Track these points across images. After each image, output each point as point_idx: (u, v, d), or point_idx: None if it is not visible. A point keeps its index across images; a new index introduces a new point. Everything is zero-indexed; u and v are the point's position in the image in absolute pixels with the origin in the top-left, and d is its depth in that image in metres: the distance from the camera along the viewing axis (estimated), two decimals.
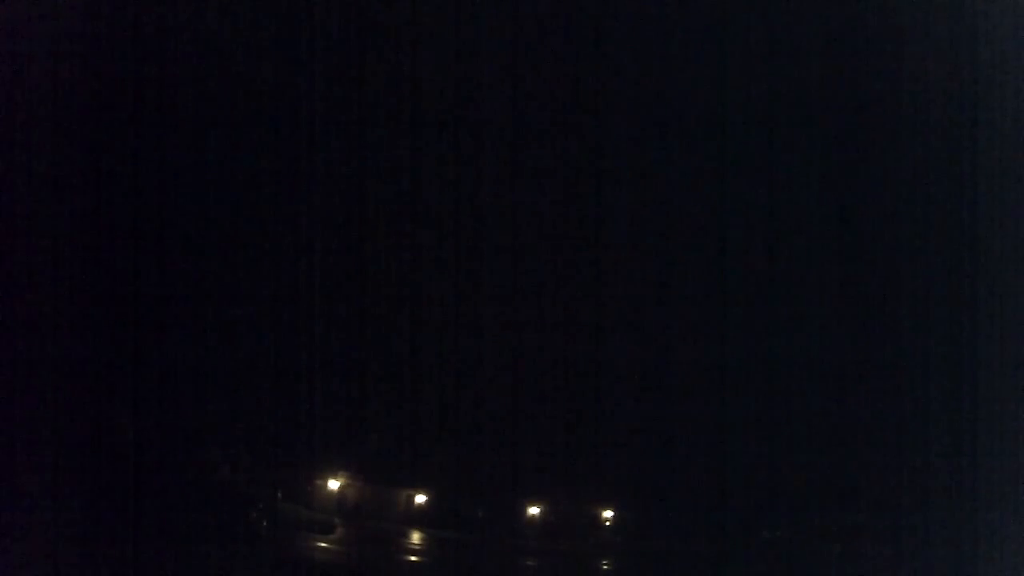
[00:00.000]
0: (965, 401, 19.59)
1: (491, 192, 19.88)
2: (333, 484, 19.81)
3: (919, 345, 19.75)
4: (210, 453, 19.61)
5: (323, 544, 19.70)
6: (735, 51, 19.89)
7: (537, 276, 19.78)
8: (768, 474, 19.29)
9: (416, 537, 20.00)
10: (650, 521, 19.78)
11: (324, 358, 19.58)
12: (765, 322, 19.60)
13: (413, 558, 19.94)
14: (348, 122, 19.98)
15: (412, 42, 19.97)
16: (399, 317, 19.74)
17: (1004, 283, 19.75)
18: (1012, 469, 19.56)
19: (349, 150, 19.94)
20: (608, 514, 19.97)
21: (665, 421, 19.68)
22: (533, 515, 19.96)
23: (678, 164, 19.94)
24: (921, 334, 19.76)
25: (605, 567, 20.05)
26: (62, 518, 18.74)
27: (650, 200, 20.03)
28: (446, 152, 19.85)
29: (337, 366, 19.68)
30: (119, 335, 19.41)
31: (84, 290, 19.48)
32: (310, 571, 19.52)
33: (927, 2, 20.24)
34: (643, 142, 19.99)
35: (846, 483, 19.63)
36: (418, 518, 19.98)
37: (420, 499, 19.96)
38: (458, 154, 19.83)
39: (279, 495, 19.82)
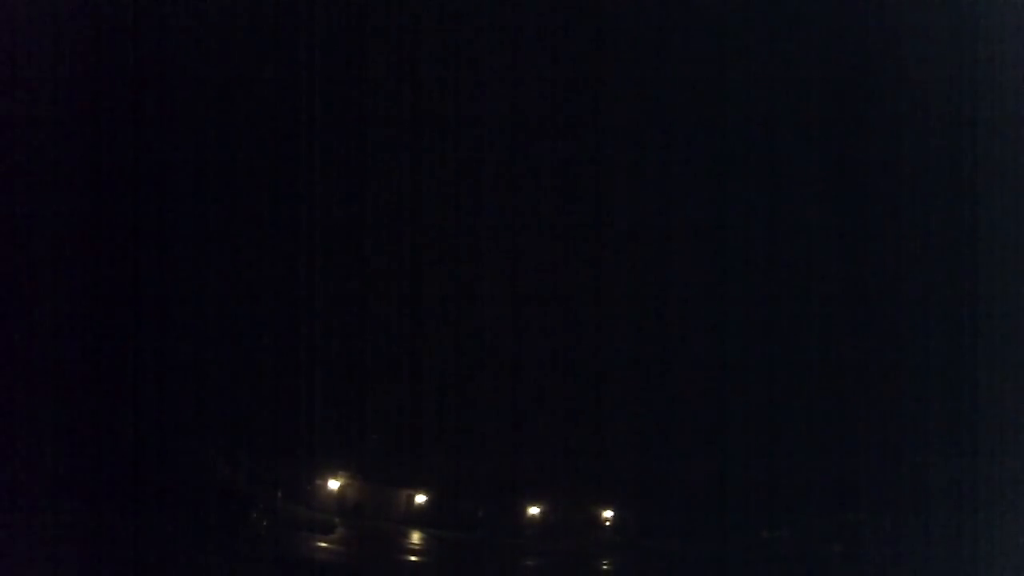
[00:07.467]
0: (965, 401, 19.60)
1: (492, 191, 19.86)
2: (333, 484, 19.77)
3: (920, 344, 19.76)
4: (210, 453, 19.58)
5: (323, 544, 19.67)
6: (735, 50, 19.89)
7: (538, 276, 19.76)
8: (768, 474, 19.29)
9: (416, 537, 19.98)
10: (650, 521, 19.77)
11: (324, 357, 19.55)
12: (766, 321, 19.60)
13: (413, 558, 19.92)
14: (347, 119, 19.96)
15: (411, 40, 19.97)
16: (400, 316, 19.72)
17: (1005, 282, 19.76)
18: (1013, 469, 19.58)
19: (348, 147, 19.92)
20: (608, 514, 19.96)
21: (665, 421, 19.67)
22: (533, 515, 19.94)
23: (679, 164, 19.93)
24: (922, 333, 19.77)
25: (605, 567, 20.03)
26: (60, 518, 18.69)
27: (651, 199, 20.02)
28: (445, 151, 19.84)
29: (337, 365, 19.65)
30: (117, 333, 19.36)
31: (83, 288, 19.44)
32: (310, 571, 19.49)
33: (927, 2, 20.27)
34: (644, 142, 19.99)
35: (846, 483, 19.64)
36: (418, 518, 19.96)
37: (420, 499, 19.94)
38: (457, 153, 19.82)
39: (279, 495, 19.79)
